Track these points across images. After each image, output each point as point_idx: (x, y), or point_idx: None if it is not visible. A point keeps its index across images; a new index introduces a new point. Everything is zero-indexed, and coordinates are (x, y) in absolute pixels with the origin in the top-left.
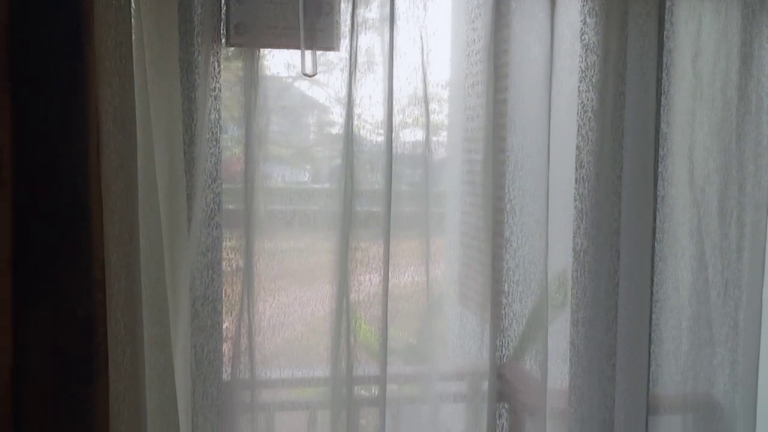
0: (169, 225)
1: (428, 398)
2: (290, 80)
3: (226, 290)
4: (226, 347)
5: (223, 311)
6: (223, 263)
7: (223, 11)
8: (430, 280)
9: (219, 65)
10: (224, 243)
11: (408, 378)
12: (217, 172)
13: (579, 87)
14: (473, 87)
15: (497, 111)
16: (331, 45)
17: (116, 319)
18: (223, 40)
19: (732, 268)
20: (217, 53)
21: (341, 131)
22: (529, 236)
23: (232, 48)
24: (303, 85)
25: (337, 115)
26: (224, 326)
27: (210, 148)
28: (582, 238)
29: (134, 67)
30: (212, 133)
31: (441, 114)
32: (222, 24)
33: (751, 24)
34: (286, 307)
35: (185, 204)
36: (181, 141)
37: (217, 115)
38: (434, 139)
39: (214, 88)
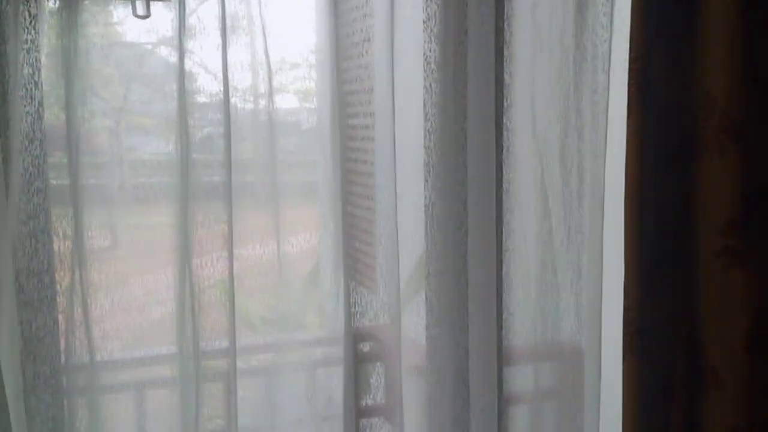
0: None
1: (300, 366)
2: (150, 47)
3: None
4: (61, 322)
5: (55, 284)
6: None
7: None
8: (303, 248)
9: (30, 15)
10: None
11: (281, 347)
12: (34, 132)
13: (423, 38)
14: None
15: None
16: None
17: None
18: None
19: (574, 215)
20: (27, 1)
21: (208, 99)
22: (380, 190)
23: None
24: (165, 51)
25: (205, 82)
26: (58, 300)
27: (24, 106)
28: (430, 191)
29: None
30: (26, 89)
31: (310, 81)
32: None
33: None
34: (126, 277)
35: (0, 170)
36: None
37: (30, 70)
38: (306, 105)
39: (26, 40)
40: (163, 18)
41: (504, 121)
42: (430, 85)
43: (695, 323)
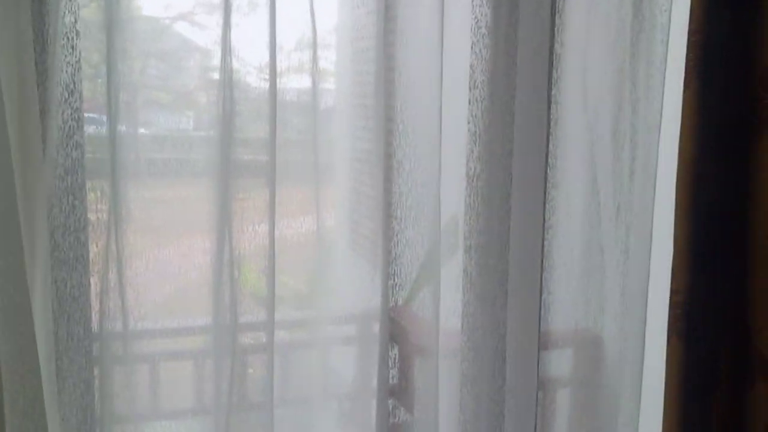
0: (20, 146)
1: (319, 343)
2: (168, 22)
3: (91, 220)
4: (95, 283)
5: (90, 243)
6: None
7: None
8: (321, 227)
9: None
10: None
11: (299, 323)
12: (74, 84)
13: (474, 2)
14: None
15: (388, 29)
16: None
17: None
18: None
19: (624, 192)
20: None
21: (221, 76)
22: (421, 158)
23: None
24: (182, 27)
25: (218, 59)
26: (91, 257)
27: (65, 56)
28: (475, 162)
29: None
30: (67, 38)
31: (328, 61)
32: None
33: None
34: (161, 240)
35: (39, 122)
36: (32, 50)
37: (72, 18)
38: (323, 86)
39: None
40: None
41: (554, 93)
42: (480, 51)
43: (745, 309)
